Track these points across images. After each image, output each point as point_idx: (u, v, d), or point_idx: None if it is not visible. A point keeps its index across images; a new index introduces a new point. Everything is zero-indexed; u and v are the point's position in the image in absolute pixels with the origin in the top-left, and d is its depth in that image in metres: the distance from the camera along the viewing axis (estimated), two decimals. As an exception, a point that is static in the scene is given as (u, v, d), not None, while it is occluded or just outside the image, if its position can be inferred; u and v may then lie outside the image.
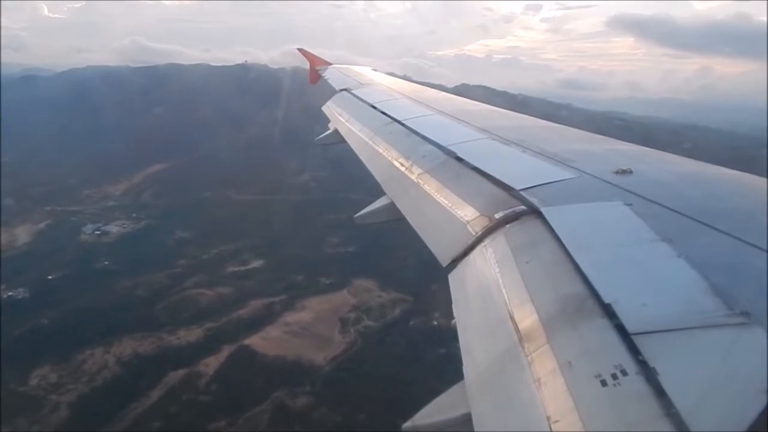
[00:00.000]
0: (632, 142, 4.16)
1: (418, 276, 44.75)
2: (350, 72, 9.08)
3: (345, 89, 7.46)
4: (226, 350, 36.99)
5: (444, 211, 3.15)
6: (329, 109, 7.01)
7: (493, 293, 2.20)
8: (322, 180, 71.64)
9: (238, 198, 67.80)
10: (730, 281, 1.78)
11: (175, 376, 34.10)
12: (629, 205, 2.51)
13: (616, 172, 3.03)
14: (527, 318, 1.91)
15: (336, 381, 34.78)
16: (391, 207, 3.81)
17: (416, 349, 38.04)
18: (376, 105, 6.02)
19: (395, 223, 3.89)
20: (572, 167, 3.20)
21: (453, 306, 2.39)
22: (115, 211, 64.03)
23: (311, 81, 9.92)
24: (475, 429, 1.70)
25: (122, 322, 38.98)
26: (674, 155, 3.70)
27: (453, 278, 2.57)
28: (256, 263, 50.56)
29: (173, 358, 35.88)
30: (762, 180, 2.98)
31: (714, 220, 2.29)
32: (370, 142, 5.01)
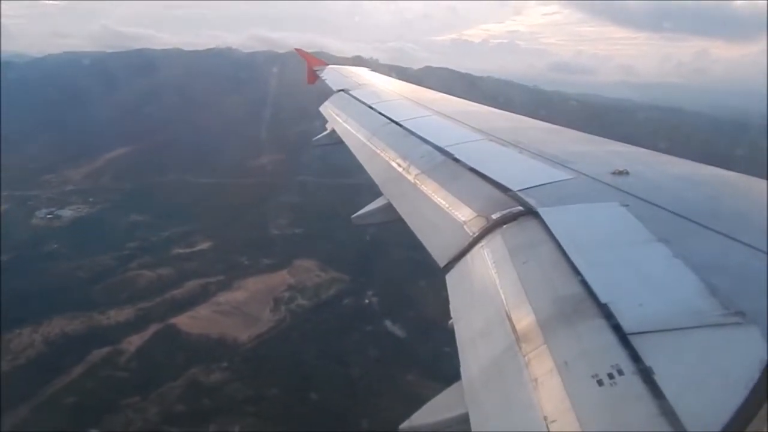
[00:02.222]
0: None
1: (359, 256, 45.83)
2: (348, 73, 9.09)
3: (342, 90, 7.46)
4: (153, 329, 37.49)
5: (441, 211, 3.16)
6: (327, 109, 7.01)
7: (490, 294, 2.20)
8: (279, 163, 72.59)
9: (196, 181, 68.37)
10: (726, 281, 1.79)
11: (99, 354, 34.59)
12: (626, 206, 2.52)
13: (613, 173, 3.04)
14: (524, 318, 1.91)
15: (255, 357, 35.31)
16: (389, 208, 3.81)
17: (343, 327, 38.62)
18: (373, 106, 6.03)
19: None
20: (569, 168, 3.21)
21: (450, 306, 2.39)
22: (72, 195, 64.27)
23: (309, 81, 9.93)
24: (473, 429, 1.70)
25: (57, 302, 39.29)
26: (671, 156, 3.71)
27: (450, 279, 2.57)
28: (203, 245, 51.08)
29: (100, 337, 36.33)
30: (758, 181, 3.00)
31: (710, 221, 2.31)
32: (368, 143, 5.01)
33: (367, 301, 41.96)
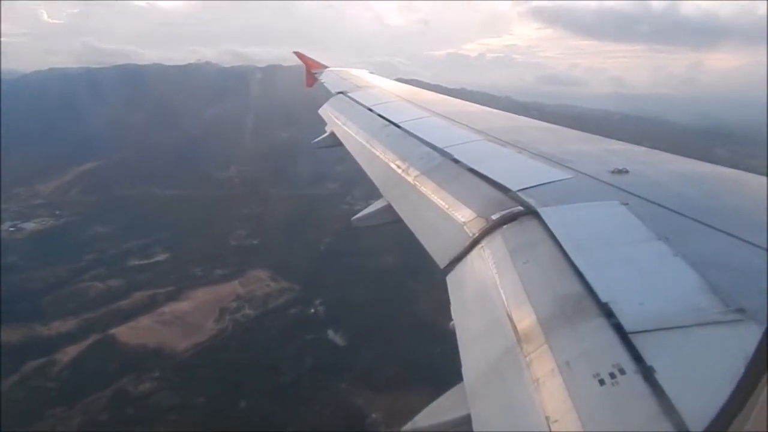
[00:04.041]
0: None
1: (312, 266, 46.61)
2: (347, 75, 9.09)
3: (341, 92, 7.46)
4: (92, 339, 37.73)
5: (441, 212, 3.16)
6: (326, 112, 7.02)
7: (491, 294, 2.20)
8: (246, 174, 74.19)
9: (162, 194, 69.45)
10: (727, 279, 1.79)
11: (33, 364, 34.81)
12: (626, 204, 2.52)
13: (613, 172, 3.05)
14: (525, 318, 1.91)
15: (188, 367, 35.47)
16: (389, 209, 3.81)
17: (284, 336, 38.87)
18: (372, 108, 6.03)
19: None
20: (568, 167, 3.21)
21: (451, 308, 2.38)
22: (39, 209, 64.91)
23: (308, 84, 9.93)
24: (475, 430, 1.70)
25: (2, 313, 39.02)
26: (670, 154, 3.71)
27: (451, 280, 2.57)
28: (161, 256, 51.56)
29: (38, 347, 36.53)
30: (757, 178, 3.00)
31: (710, 219, 2.31)
32: (367, 145, 5.01)
33: (312, 310, 42.32)
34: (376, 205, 4.07)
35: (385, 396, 31.86)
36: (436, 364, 33.13)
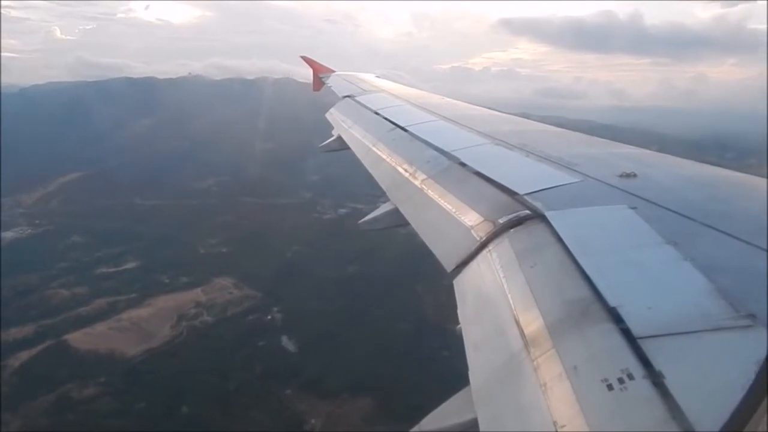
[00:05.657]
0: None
1: (276, 274, 47.07)
2: (353, 79, 9.11)
3: (348, 96, 7.48)
4: (44, 345, 38.02)
5: (448, 216, 3.16)
6: (332, 116, 7.04)
7: (498, 298, 2.20)
8: (224, 185, 75.53)
9: (142, 204, 70.79)
10: (736, 283, 1.78)
11: None
12: (634, 208, 2.51)
13: (621, 176, 3.03)
14: (533, 322, 1.91)
15: (135, 372, 35.76)
16: (395, 213, 3.82)
17: (238, 342, 39.09)
18: (379, 111, 6.04)
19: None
20: (576, 171, 3.20)
21: (458, 311, 2.38)
22: (20, 218, 65.93)
23: (314, 88, 9.96)
24: None
25: None
26: (678, 158, 3.69)
27: (458, 284, 2.56)
28: (131, 264, 52.05)
29: None
30: (765, 182, 2.97)
31: (719, 223, 2.29)
32: (374, 149, 5.03)
33: (269, 317, 42.59)
34: (383, 209, 4.08)
35: (328, 402, 32.24)
36: (382, 371, 33.19)
